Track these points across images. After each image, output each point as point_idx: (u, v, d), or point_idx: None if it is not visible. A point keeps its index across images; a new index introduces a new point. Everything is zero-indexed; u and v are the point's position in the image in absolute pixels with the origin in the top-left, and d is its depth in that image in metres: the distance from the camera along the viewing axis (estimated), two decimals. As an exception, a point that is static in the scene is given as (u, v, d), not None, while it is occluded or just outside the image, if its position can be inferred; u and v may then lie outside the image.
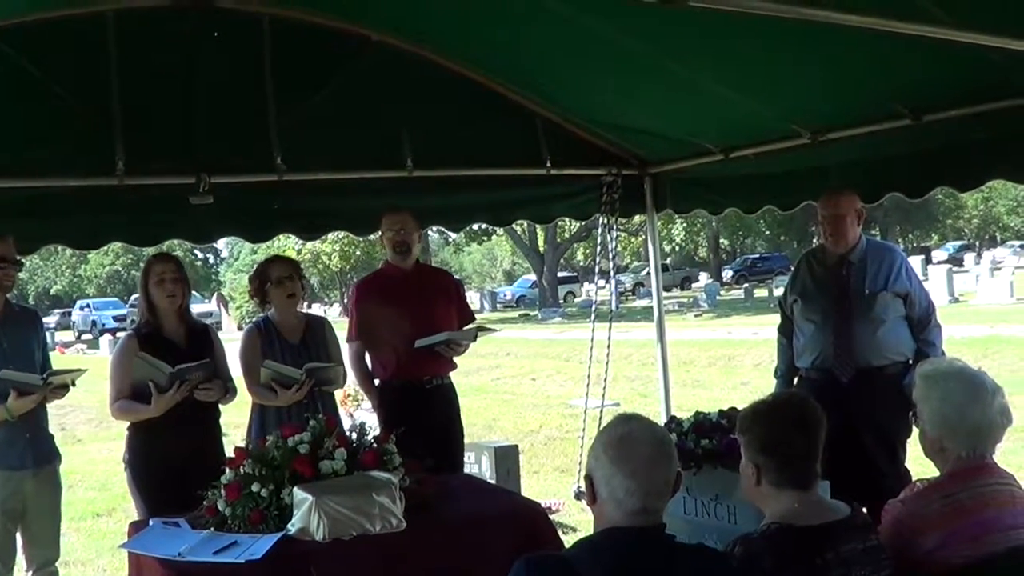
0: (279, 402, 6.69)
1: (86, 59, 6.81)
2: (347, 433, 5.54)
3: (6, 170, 6.60)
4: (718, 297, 52.82)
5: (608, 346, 10.01)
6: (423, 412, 7.24)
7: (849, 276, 7.02)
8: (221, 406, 6.70)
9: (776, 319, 7.81)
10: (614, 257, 10.37)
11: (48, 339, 7.19)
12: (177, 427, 6.34)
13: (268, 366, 6.66)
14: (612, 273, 10.86)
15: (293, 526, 4.91)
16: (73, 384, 6.30)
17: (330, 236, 47.95)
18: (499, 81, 8.10)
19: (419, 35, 7.56)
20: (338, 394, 7.60)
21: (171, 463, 6.26)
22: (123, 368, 6.43)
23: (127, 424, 6.58)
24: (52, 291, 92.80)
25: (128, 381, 6.38)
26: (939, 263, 55.13)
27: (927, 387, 3.92)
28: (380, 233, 7.68)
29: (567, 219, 11.04)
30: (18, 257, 6.40)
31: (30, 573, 6.43)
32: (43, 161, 6.70)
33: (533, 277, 66.26)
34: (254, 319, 7.54)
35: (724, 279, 70.48)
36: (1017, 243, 74.95)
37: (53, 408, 6.64)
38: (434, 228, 8.04)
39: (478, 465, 10.36)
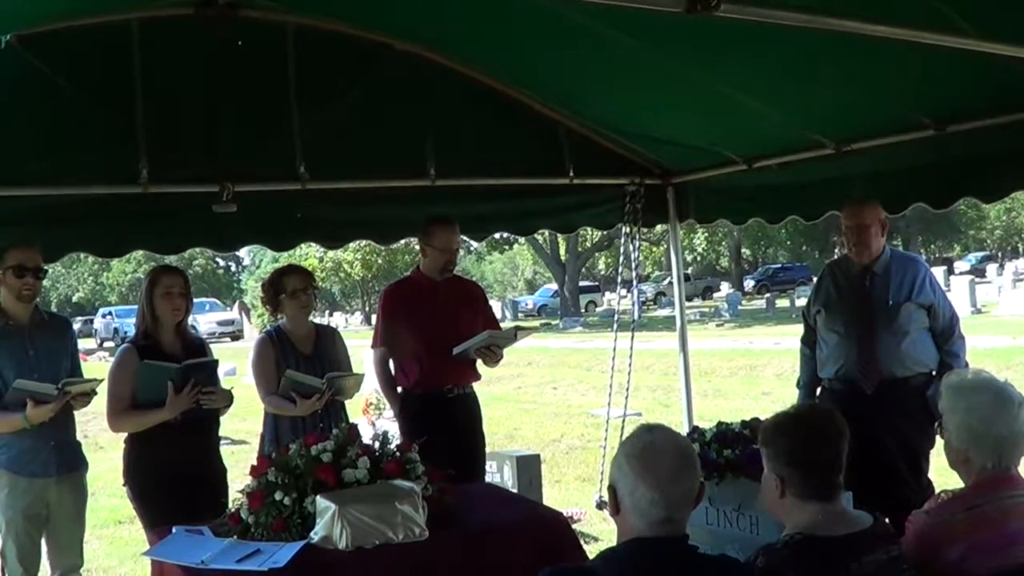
0: (297, 412, 6.70)
1: (110, 67, 6.82)
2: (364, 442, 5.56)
3: (30, 178, 6.63)
4: (740, 307, 52.68)
5: (630, 355, 10.01)
6: (444, 422, 7.22)
7: (873, 287, 7.01)
8: (235, 414, 6.74)
9: (798, 329, 7.79)
10: (637, 267, 10.36)
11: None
12: (175, 438, 6.39)
13: (290, 376, 6.67)
14: (635, 283, 10.82)
15: (316, 534, 4.92)
16: (95, 392, 6.34)
17: (352, 244, 48.08)
18: (522, 91, 8.11)
19: (442, 44, 7.57)
20: (360, 402, 7.60)
21: (171, 474, 6.29)
22: (123, 378, 6.44)
23: (123, 437, 6.61)
24: (74, 299, 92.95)
25: (129, 391, 6.41)
26: (961, 274, 54.98)
27: (953, 398, 3.91)
28: (425, 243, 7.56)
29: (588, 228, 11.03)
30: (43, 266, 6.44)
31: (53, 578, 6.49)
32: (67, 169, 6.71)
33: (554, 286, 66.25)
34: (265, 328, 7.53)
35: (746, 289, 70.22)
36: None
37: (75, 416, 6.66)
38: (456, 237, 8.01)
39: (500, 474, 10.36)
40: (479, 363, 7.59)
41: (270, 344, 7.01)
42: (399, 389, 7.64)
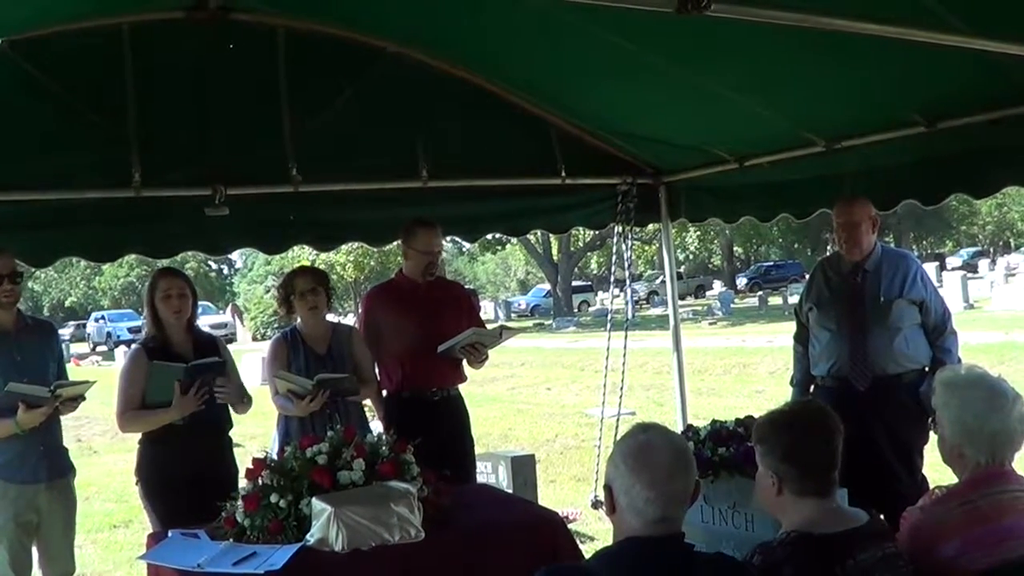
0: (295, 412, 6.71)
1: (102, 71, 6.82)
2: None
3: (23, 182, 6.64)
4: (732, 305, 52.76)
5: (624, 355, 10.01)
6: (429, 425, 6.87)
7: (864, 284, 7.01)
8: (235, 416, 6.73)
9: (791, 327, 7.81)
10: (629, 266, 10.36)
11: (64, 351, 7.22)
12: (188, 439, 6.39)
13: (280, 376, 6.68)
14: (628, 282, 10.84)
15: (312, 536, 4.92)
16: (83, 397, 6.32)
17: (344, 247, 47.95)
18: (514, 91, 8.11)
19: (434, 46, 7.58)
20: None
21: (183, 474, 6.30)
22: (133, 379, 6.45)
23: (138, 437, 6.61)
24: (67, 303, 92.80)
25: (139, 391, 6.41)
26: (953, 269, 55.07)
27: (947, 394, 3.92)
28: (407, 245, 7.51)
29: (581, 228, 11.04)
30: (19, 269, 6.42)
31: (46, 585, 6.48)
32: (59, 173, 6.72)
33: (547, 286, 66.24)
34: (282, 329, 7.53)
35: (738, 287, 70.25)
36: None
37: (69, 420, 6.65)
38: (448, 238, 7.96)
39: (495, 475, 10.35)
40: (466, 365, 7.56)
41: (284, 345, 7.03)
42: (383, 393, 7.58)
